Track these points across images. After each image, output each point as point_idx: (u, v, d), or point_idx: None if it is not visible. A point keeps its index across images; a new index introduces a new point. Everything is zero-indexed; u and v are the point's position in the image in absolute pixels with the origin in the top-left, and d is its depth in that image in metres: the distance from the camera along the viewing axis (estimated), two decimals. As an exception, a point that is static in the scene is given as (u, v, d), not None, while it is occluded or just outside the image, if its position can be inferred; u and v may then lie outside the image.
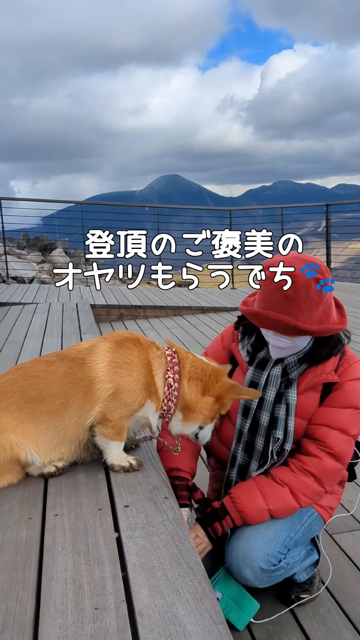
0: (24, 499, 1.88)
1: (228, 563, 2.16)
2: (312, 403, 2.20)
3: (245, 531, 2.15)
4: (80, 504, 1.82)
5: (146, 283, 18.94)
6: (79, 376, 1.94)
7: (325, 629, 2.25)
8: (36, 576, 1.47)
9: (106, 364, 1.95)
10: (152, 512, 1.75)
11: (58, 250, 18.96)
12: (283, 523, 2.17)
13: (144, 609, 1.32)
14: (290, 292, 1.98)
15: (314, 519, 2.27)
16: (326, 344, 2.16)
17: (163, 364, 2.03)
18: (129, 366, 1.96)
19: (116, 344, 2.01)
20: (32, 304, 8.24)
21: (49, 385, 1.94)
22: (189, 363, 2.05)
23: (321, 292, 2.02)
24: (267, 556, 2.09)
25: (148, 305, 9.57)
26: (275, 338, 2.12)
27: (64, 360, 1.99)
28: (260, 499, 2.12)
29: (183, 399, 2.02)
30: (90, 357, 1.97)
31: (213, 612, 1.30)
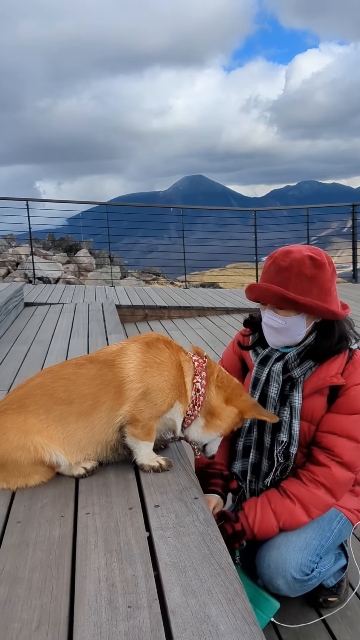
0: (56, 497, 1.90)
1: (260, 572, 2.14)
2: (319, 407, 2.16)
3: (276, 540, 2.13)
4: (111, 503, 1.84)
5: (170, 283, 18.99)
6: (109, 377, 1.96)
7: (353, 632, 2.24)
8: (69, 574, 1.49)
9: (137, 363, 1.97)
10: (183, 512, 1.77)
11: (83, 250, 19.10)
12: (314, 530, 2.15)
13: (176, 608, 1.33)
14: (284, 264, 2.07)
15: (343, 523, 2.24)
16: (328, 337, 2.13)
17: (192, 368, 2.05)
18: (159, 366, 1.98)
19: (146, 344, 2.03)
20: (59, 304, 8.32)
21: (78, 387, 1.96)
22: (217, 372, 2.10)
23: (315, 271, 2.05)
24: (300, 565, 2.06)
25: (172, 306, 9.60)
26: (269, 316, 2.13)
27: (93, 363, 2.01)
28: (272, 518, 2.11)
29: (209, 404, 2.05)
30: (120, 359, 1.99)
31: (245, 612, 1.31)
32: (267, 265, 2.14)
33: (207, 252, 15.12)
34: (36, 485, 1.98)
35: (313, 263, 2.05)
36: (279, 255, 2.10)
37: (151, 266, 22.78)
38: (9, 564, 1.55)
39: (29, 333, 6.19)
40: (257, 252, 12.92)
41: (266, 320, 2.16)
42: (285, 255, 2.08)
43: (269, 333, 2.18)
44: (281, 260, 2.07)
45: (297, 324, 2.11)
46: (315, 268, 2.05)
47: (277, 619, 2.31)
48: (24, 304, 8.21)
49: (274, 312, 2.12)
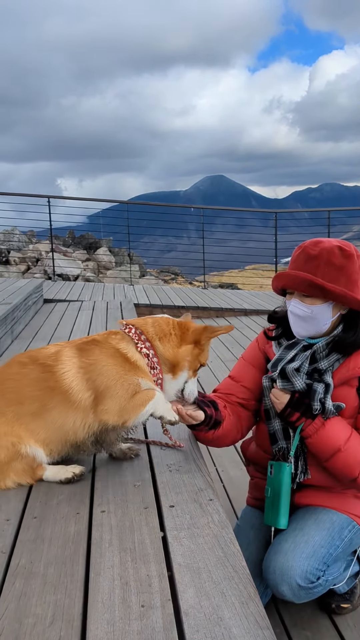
0: (72, 494, 1.92)
1: (265, 577, 2.14)
2: (349, 398, 2.16)
3: (283, 546, 2.13)
4: (126, 502, 1.85)
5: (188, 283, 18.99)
6: (51, 384, 1.94)
7: (365, 639, 2.23)
8: (84, 571, 1.50)
9: (75, 371, 1.95)
10: (198, 514, 1.77)
11: (103, 248, 19.18)
12: (322, 538, 2.14)
13: (189, 609, 1.33)
14: (314, 252, 2.10)
15: (355, 532, 2.22)
16: (354, 328, 2.14)
17: (129, 341, 2.03)
18: (95, 365, 1.95)
19: (78, 349, 2.01)
20: (77, 302, 8.36)
21: (25, 387, 1.97)
22: (150, 326, 2.08)
23: (344, 261, 2.08)
24: (305, 573, 2.05)
25: (191, 306, 9.61)
26: (295, 304, 2.14)
27: (35, 364, 2.00)
28: (342, 438, 2.09)
29: (164, 358, 2.05)
30: (57, 365, 1.96)
31: (258, 617, 1.31)
32: (297, 255, 2.16)
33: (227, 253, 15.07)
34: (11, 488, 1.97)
35: (342, 253, 2.08)
36: (309, 244, 2.14)
37: (170, 265, 22.80)
38: (24, 558, 1.56)
39: (47, 329, 6.23)
40: (277, 254, 12.87)
41: (292, 309, 2.16)
42: (315, 245, 2.12)
43: (295, 322, 2.18)
44: (310, 249, 2.11)
45: (323, 313, 2.12)
46: (344, 258, 2.08)
47: (289, 622, 2.31)
48: (43, 301, 8.27)
49: (301, 300, 2.13)
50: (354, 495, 2.26)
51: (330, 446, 2.09)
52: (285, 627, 2.29)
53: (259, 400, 2.34)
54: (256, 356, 2.42)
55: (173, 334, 2.08)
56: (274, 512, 2.20)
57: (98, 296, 9.38)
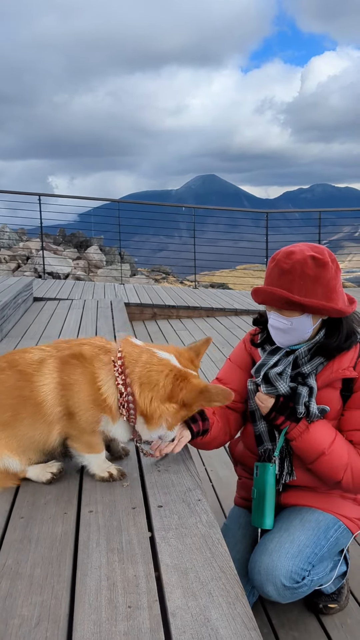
0: (59, 494, 1.91)
1: (251, 577, 2.14)
2: (333, 401, 2.17)
3: (268, 546, 2.13)
4: (114, 502, 1.84)
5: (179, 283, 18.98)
6: (26, 393, 1.89)
7: (352, 639, 2.23)
8: (71, 571, 1.49)
9: (53, 386, 1.89)
10: (186, 514, 1.76)
11: (93, 247, 19.14)
12: (308, 538, 2.14)
13: (176, 610, 1.33)
14: (287, 266, 2.06)
15: (341, 532, 2.23)
16: (336, 334, 2.14)
17: (111, 372, 1.86)
18: (72, 387, 1.87)
19: (61, 362, 1.91)
20: (67, 300, 8.33)
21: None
22: (140, 366, 1.85)
23: (318, 270, 2.04)
24: (290, 573, 2.05)
25: (181, 306, 9.60)
26: (274, 318, 2.13)
27: (12, 370, 1.94)
28: (327, 441, 2.10)
29: (138, 407, 1.84)
30: (37, 376, 1.90)
31: (245, 617, 1.31)
32: (270, 268, 2.13)
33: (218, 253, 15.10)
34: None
35: (315, 263, 2.04)
36: (281, 257, 2.09)
37: (161, 265, 22.79)
38: (10, 559, 1.55)
39: (37, 328, 6.20)
40: (268, 255, 12.90)
41: (272, 322, 2.16)
42: (287, 257, 2.07)
43: (276, 334, 2.18)
44: (283, 263, 2.07)
45: (303, 323, 2.11)
46: (318, 267, 2.04)
47: (276, 623, 2.31)
48: (33, 299, 8.24)
49: (279, 313, 2.12)
50: (340, 495, 2.27)
51: (314, 450, 2.10)
52: (272, 627, 2.30)
53: (247, 401, 2.34)
54: (243, 358, 2.42)
55: (161, 386, 1.83)
56: (259, 513, 2.21)
57: (88, 295, 9.35)
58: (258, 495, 2.21)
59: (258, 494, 2.21)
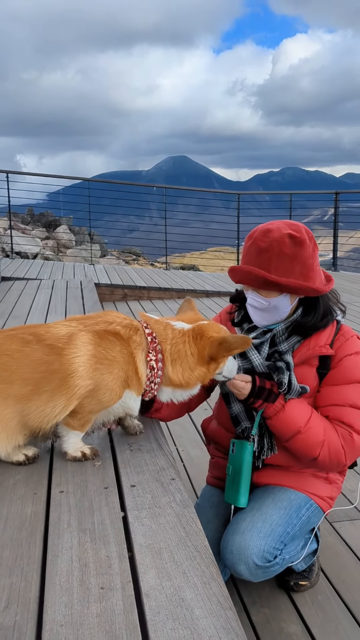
0: (28, 474, 1.85)
1: (223, 557, 2.13)
2: (309, 378, 2.16)
3: (241, 525, 2.12)
4: (86, 482, 1.80)
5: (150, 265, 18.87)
6: (55, 367, 1.81)
7: (323, 615, 2.25)
8: (41, 553, 1.45)
9: (87, 358, 1.83)
10: (159, 493, 1.73)
11: (63, 227, 18.87)
12: (280, 517, 2.14)
13: (150, 591, 1.30)
14: (264, 244, 2.03)
15: (313, 511, 2.24)
16: (313, 312, 2.13)
17: (145, 349, 1.92)
18: (110, 363, 1.85)
19: (97, 336, 1.88)
20: (36, 280, 8.20)
21: (21, 368, 1.81)
22: (169, 343, 1.94)
23: (296, 249, 2.02)
24: (262, 552, 2.05)
25: (152, 287, 9.54)
26: (252, 297, 2.12)
27: (40, 344, 1.85)
28: (303, 419, 2.08)
29: (169, 379, 1.94)
30: (69, 349, 1.83)
31: (221, 597, 1.28)
32: (247, 247, 2.10)
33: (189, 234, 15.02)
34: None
35: (293, 241, 2.02)
36: (258, 235, 2.06)
37: (131, 246, 22.61)
38: (-22, 541, 1.50)
39: (4, 308, 6.08)
40: (240, 237, 12.89)
41: (250, 302, 2.13)
42: (265, 235, 2.04)
43: (254, 313, 2.16)
44: (260, 241, 2.04)
45: (281, 303, 2.10)
46: (296, 246, 2.02)
47: (248, 601, 2.32)
48: (1, 278, 8.08)
49: (257, 293, 2.09)
50: (312, 474, 2.27)
51: (290, 428, 2.08)
52: (244, 605, 2.30)
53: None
54: None
55: (189, 355, 1.93)
56: (234, 491, 2.20)
57: (57, 275, 9.22)
58: (233, 473, 2.20)
59: (233, 471, 2.20)
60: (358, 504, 2.91)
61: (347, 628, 2.18)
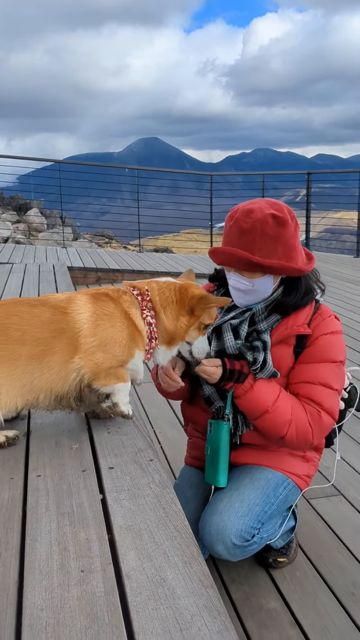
0: (4, 459, 1.83)
1: (201, 537, 2.13)
2: (286, 357, 2.16)
3: (218, 506, 2.12)
4: (63, 465, 1.78)
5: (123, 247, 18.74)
6: (63, 325, 1.86)
7: (301, 591, 2.28)
8: (19, 537, 1.43)
9: (89, 314, 1.89)
10: (138, 475, 1.72)
11: (34, 210, 18.58)
12: (258, 497, 2.14)
13: (131, 572, 1.29)
14: (247, 225, 2.01)
15: (290, 489, 2.25)
16: (294, 291, 2.13)
17: (137, 307, 1.98)
18: (109, 318, 1.91)
19: (93, 297, 1.95)
20: (8, 264, 8.07)
21: (32, 328, 1.85)
22: (157, 293, 2.01)
23: (279, 230, 2.01)
24: (240, 532, 2.06)
25: (126, 270, 9.47)
26: (235, 279, 2.10)
27: (45, 306, 1.91)
28: (271, 398, 2.07)
29: (164, 329, 1.99)
30: (71, 307, 1.90)
31: (202, 576, 1.28)
32: (229, 227, 2.07)
33: (161, 216, 14.94)
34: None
35: (276, 222, 2.00)
36: (240, 215, 2.03)
37: (104, 229, 22.40)
38: None
39: (-24, 292, 5.98)
40: (213, 219, 12.85)
41: (233, 283, 2.12)
42: (247, 216, 2.01)
43: (237, 295, 2.14)
44: (243, 222, 2.01)
45: (264, 284, 2.09)
46: (279, 226, 2.00)
47: (227, 579, 2.33)
48: (-28, 263, 7.93)
49: (239, 274, 2.07)
50: (289, 453, 2.28)
51: (258, 407, 2.08)
52: (223, 582, 2.32)
53: None
54: None
55: (175, 302, 2.00)
56: (213, 471, 2.20)
57: (29, 259, 9.08)
58: (212, 453, 2.20)
59: (212, 452, 2.20)
60: (334, 481, 2.95)
61: (325, 602, 2.21)
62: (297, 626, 2.10)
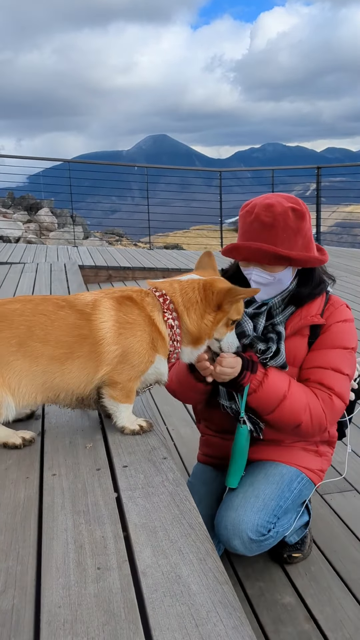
0: (20, 458, 1.85)
1: (217, 533, 2.15)
2: (300, 348, 2.18)
3: (234, 501, 2.13)
4: (78, 464, 1.80)
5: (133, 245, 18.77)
6: (86, 332, 1.87)
7: (316, 586, 2.29)
8: (36, 536, 1.45)
9: (112, 323, 1.89)
10: (152, 473, 1.74)
11: (44, 209, 18.67)
12: (272, 492, 2.15)
13: (147, 569, 1.31)
14: (268, 219, 2.03)
15: (304, 484, 2.26)
16: (309, 282, 2.17)
17: (159, 309, 1.96)
18: (132, 326, 1.90)
19: (117, 302, 1.94)
20: (20, 264, 8.12)
21: (56, 330, 1.87)
22: (179, 294, 1.97)
23: (299, 222, 2.05)
24: (256, 526, 2.07)
25: (137, 267, 9.50)
26: (257, 273, 2.12)
27: (72, 309, 1.92)
28: (285, 384, 2.07)
29: (187, 331, 1.96)
30: (95, 314, 1.90)
31: (217, 572, 1.30)
32: (249, 223, 2.09)
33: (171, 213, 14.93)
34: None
35: (296, 215, 2.05)
36: (261, 211, 2.05)
37: (114, 227, 22.44)
38: (-28, 527, 1.50)
39: (-11, 293, 6.02)
40: (222, 214, 12.83)
41: (255, 279, 2.13)
42: (268, 210, 2.04)
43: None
44: (264, 217, 2.04)
45: (285, 276, 2.13)
46: (299, 219, 2.05)
47: (242, 574, 2.35)
48: (-16, 263, 7.99)
49: (262, 269, 2.10)
50: (302, 447, 2.29)
51: (276, 395, 2.07)
52: (238, 578, 2.33)
53: None
54: None
55: (199, 301, 1.95)
56: (228, 471, 2.20)
57: (41, 258, 9.13)
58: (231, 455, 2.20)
59: (231, 453, 2.20)
60: (347, 475, 2.95)
61: (340, 597, 2.22)
62: (312, 621, 2.11)
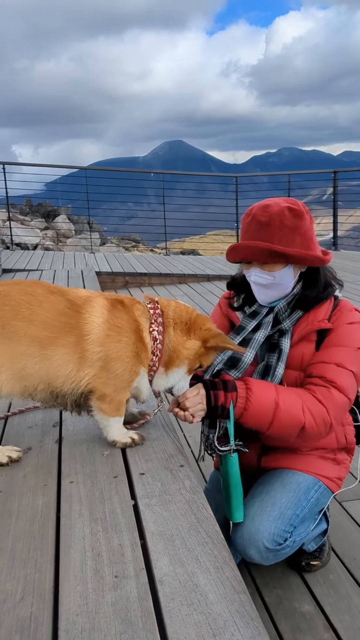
0: (38, 466, 1.87)
1: (233, 542, 2.13)
2: (308, 354, 2.16)
3: (250, 511, 2.12)
4: (95, 472, 1.81)
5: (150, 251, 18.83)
6: (73, 322, 1.85)
7: (335, 594, 2.27)
8: (54, 544, 1.46)
9: (101, 321, 1.87)
10: (168, 480, 1.74)
11: (61, 216, 18.80)
12: (289, 500, 2.13)
13: (164, 577, 1.31)
14: (265, 218, 2.05)
15: (322, 492, 2.23)
16: (314, 285, 2.15)
17: (147, 319, 1.96)
18: (119, 330, 1.88)
19: (110, 303, 1.93)
20: (37, 271, 8.19)
21: (44, 311, 1.84)
22: (172, 310, 2.00)
23: (296, 221, 2.05)
24: (273, 535, 2.05)
25: (153, 273, 9.52)
26: (256, 274, 2.12)
27: (63, 297, 1.91)
28: (272, 391, 2.03)
29: (169, 346, 1.94)
30: (87, 308, 1.89)
31: (234, 581, 1.29)
32: (247, 223, 2.12)
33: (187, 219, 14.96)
34: None
35: (292, 213, 2.06)
36: (258, 211, 2.09)
37: (130, 233, 22.53)
38: (-9, 534, 1.51)
39: (7, 300, 6.07)
40: (239, 219, 12.82)
41: (254, 279, 2.13)
42: (264, 210, 2.07)
43: (259, 291, 2.16)
44: (260, 216, 2.07)
45: (285, 277, 2.11)
46: (296, 218, 2.06)
47: (260, 582, 2.34)
48: (2, 270, 8.07)
49: (260, 269, 2.10)
50: (320, 455, 2.27)
51: (268, 403, 2.00)
52: (256, 587, 2.32)
53: None
54: (221, 322, 2.39)
55: (188, 324, 1.97)
56: (227, 506, 2.12)
57: (58, 265, 9.19)
58: (224, 487, 2.13)
59: (224, 486, 2.13)
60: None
61: (359, 605, 2.20)
62: (331, 629, 2.09)
